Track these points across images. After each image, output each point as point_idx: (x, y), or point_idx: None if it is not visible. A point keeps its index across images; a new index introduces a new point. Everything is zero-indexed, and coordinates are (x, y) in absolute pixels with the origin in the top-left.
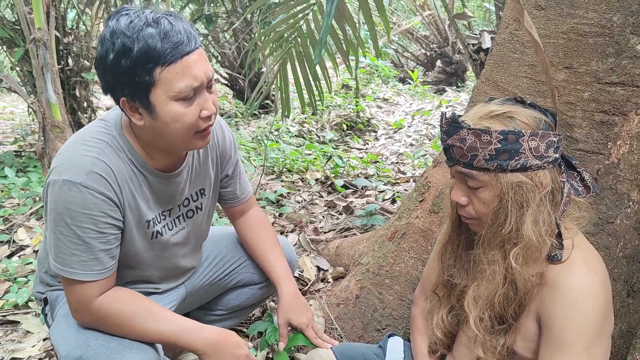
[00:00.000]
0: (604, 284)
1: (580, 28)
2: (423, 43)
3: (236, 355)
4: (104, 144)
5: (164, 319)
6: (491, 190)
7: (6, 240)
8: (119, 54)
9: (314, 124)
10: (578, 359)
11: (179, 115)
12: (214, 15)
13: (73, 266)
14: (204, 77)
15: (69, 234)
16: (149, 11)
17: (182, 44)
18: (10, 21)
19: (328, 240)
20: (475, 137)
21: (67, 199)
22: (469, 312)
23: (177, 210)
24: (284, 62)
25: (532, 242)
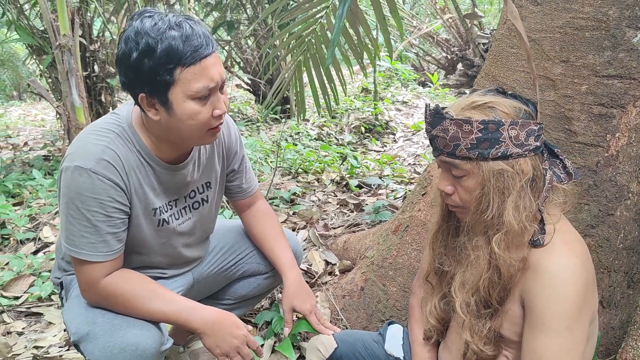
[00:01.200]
0: (584, 266)
1: (577, 22)
2: (444, 46)
3: (234, 335)
4: (114, 134)
5: (166, 299)
6: (474, 178)
7: (32, 238)
8: (143, 53)
9: (333, 127)
10: (559, 338)
11: (194, 113)
12: (236, 22)
13: (82, 247)
14: (219, 78)
15: (79, 217)
16: (171, 15)
17: (202, 47)
18: (39, 30)
19: (337, 236)
20: (457, 127)
21: (78, 184)
22: (456, 297)
23: (183, 201)
24: (299, 65)
25: (514, 228)
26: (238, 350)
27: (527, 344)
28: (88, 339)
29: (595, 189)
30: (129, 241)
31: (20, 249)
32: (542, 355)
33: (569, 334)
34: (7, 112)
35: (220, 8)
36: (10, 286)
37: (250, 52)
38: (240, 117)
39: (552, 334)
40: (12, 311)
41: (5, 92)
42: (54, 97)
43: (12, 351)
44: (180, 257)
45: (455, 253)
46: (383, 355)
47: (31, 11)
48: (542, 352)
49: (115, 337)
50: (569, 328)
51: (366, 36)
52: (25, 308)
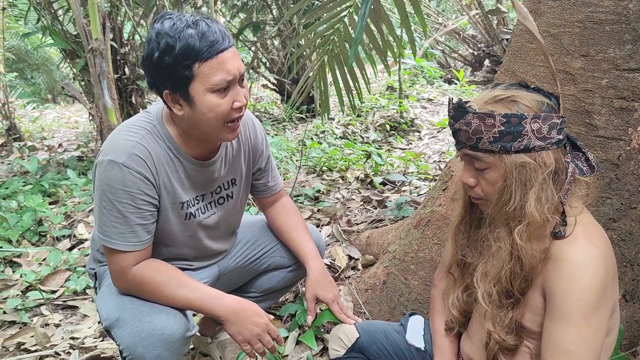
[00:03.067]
0: (605, 258)
1: (596, 16)
2: (470, 43)
3: (256, 323)
4: (145, 131)
5: (192, 287)
6: (496, 170)
7: (67, 235)
8: (163, 52)
9: (358, 125)
10: (577, 328)
11: (214, 105)
12: (262, 22)
13: (113, 237)
14: (237, 72)
15: (110, 208)
16: (189, 15)
17: (218, 43)
18: (72, 34)
19: (360, 231)
20: (480, 120)
21: (110, 177)
22: (478, 288)
23: (209, 196)
24: (322, 64)
25: (535, 219)
26: (259, 338)
27: (546, 334)
28: (118, 324)
29: (617, 182)
30: (158, 233)
31: (56, 245)
32: (561, 344)
33: (587, 325)
34: (43, 115)
35: (247, 10)
36: (47, 280)
37: (276, 52)
38: (266, 117)
39: (571, 324)
40: (49, 304)
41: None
42: (86, 99)
43: (50, 341)
44: (206, 249)
45: (477, 245)
46: (404, 345)
47: (65, 17)
48: (561, 341)
49: (143, 323)
50: (587, 319)
51: (389, 35)
52: (61, 301)
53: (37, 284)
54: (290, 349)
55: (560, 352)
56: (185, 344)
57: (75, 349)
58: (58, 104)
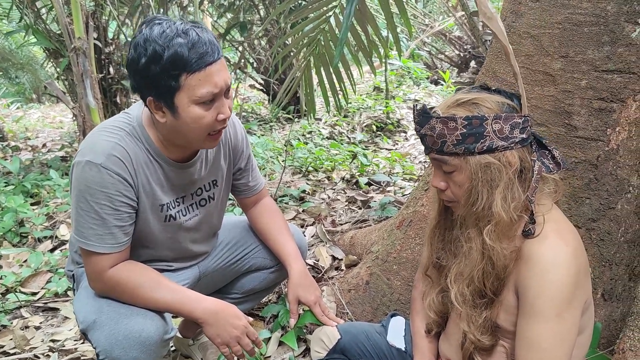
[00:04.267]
0: (576, 255)
1: (575, 18)
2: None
3: (235, 325)
4: (124, 132)
5: (170, 289)
6: (463, 172)
7: (49, 236)
8: (150, 59)
9: (344, 125)
10: (550, 325)
11: (198, 117)
12: (249, 22)
13: (90, 238)
14: (224, 84)
15: (88, 209)
16: (179, 22)
17: (207, 54)
18: (56, 33)
19: (344, 232)
20: (443, 124)
21: (88, 178)
22: (452, 288)
23: (190, 198)
24: (308, 63)
25: (502, 218)
26: (238, 340)
27: (520, 331)
28: (95, 327)
29: (596, 182)
30: (137, 235)
31: (38, 246)
32: (534, 341)
33: (560, 321)
34: (27, 115)
35: (234, 9)
36: (28, 282)
37: (262, 52)
38: (253, 117)
39: (544, 320)
40: (29, 306)
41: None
42: (70, 99)
43: (29, 344)
44: (186, 251)
45: (451, 246)
46: (385, 346)
47: (48, 15)
48: (534, 338)
49: (120, 325)
50: (560, 315)
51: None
52: (42, 303)
53: (18, 286)
54: (273, 350)
55: (534, 349)
56: (163, 347)
57: (55, 352)
58: (43, 103)
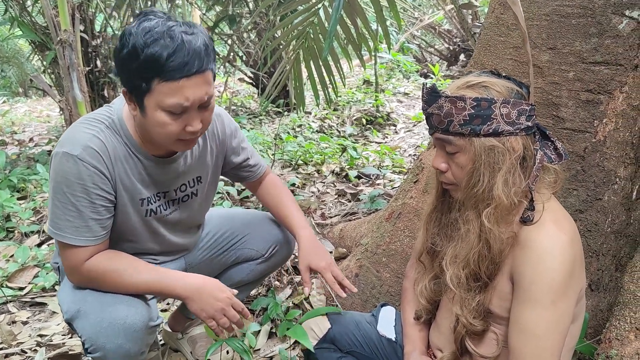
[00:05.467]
0: (572, 244)
1: (563, 10)
2: (446, 37)
3: (219, 297)
4: (104, 125)
5: (149, 269)
6: (466, 154)
7: (36, 231)
8: (129, 54)
9: (334, 119)
10: (544, 312)
11: (163, 123)
12: (238, 15)
13: (66, 231)
14: (197, 100)
15: (64, 200)
16: (174, 22)
17: (187, 66)
18: (42, 26)
19: (334, 225)
20: (451, 104)
21: (65, 169)
22: (447, 270)
23: (173, 193)
24: (297, 56)
25: (503, 202)
26: (224, 312)
27: (513, 318)
28: (79, 316)
29: (583, 174)
30: (120, 229)
31: (25, 241)
32: (528, 327)
33: (554, 308)
34: (13, 109)
35: (222, 2)
36: (15, 277)
37: (252, 45)
38: (243, 111)
39: (538, 307)
40: (16, 301)
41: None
42: (57, 92)
43: (16, 339)
44: (170, 244)
45: (447, 230)
46: (375, 336)
47: (33, 7)
48: (527, 324)
49: (104, 313)
50: (554, 302)
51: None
52: (29, 298)
53: (4, 280)
54: (262, 343)
55: (527, 335)
56: (149, 334)
57: (42, 347)
58: (29, 97)
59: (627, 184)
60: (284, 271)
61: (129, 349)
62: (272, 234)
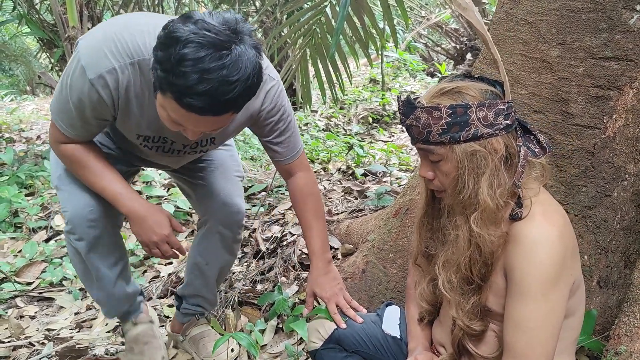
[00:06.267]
0: (562, 235)
1: (573, 4)
2: (453, 36)
3: (156, 232)
4: (131, 60)
5: (110, 179)
6: (449, 161)
7: (44, 226)
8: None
9: (340, 117)
10: (535, 305)
11: (163, 118)
12: (245, 14)
13: (60, 118)
14: (196, 130)
15: (66, 98)
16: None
17: (202, 109)
18: (49, 23)
19: (340, 221)
20: (428, 114)
21: (76, 79)
22: (439, 276)
23: (181, 146)
24: (304, 54)
25: (489, 206)
26: (157, 246)
27: (507, 312)
28: (58, 188)
29: (592, 170)
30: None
31: (33, 236)
32: (520, 321)
33: (545, 301)
34: (21, 107)
35: (229, 1)
36: (23, 272)
37: None
38: None
39: (530, 300)
40: (24, 296)
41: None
42: None
43: (24, 333)
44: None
45: (439, 234)
46: (381, 335)
47: (41, 5)
48: (520, 318)
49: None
50: (545, 295)
51: (372, 26)
52: (37, 293)
53: (13, 275)
54: (269, 339)
55: (520, 329)
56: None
57: (50, 340)
58: (37, 95)
59: (636, 181)
60: (291, 267)
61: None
62: (208, 205)
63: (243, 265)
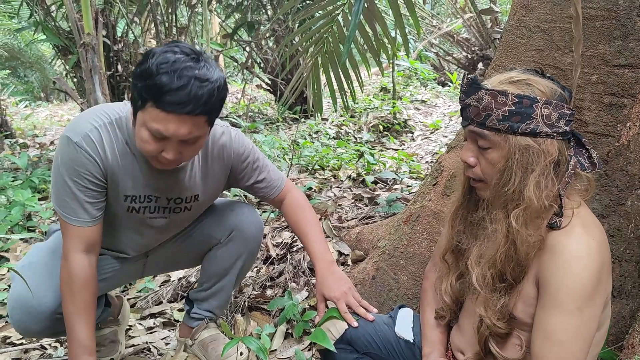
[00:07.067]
0: (601, 249)
1: (586, 12)
2: (464, 46)
3: None
4: (109, 120)
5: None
6: (500, 150)
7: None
8: (143, 72)
9: (351, 125)
10: (569, 317)
11: (144, 140)
12: (257, 22)
13: (64, 210)
14: (177, 135)
15: (62, 182)
16: (193, 63)
17: (180, 105)
18: (65, 31)
19: (350, 228)
20: (492, 97)
21: (64, 152)
22: (472, 270)
23: (165, 201)
24: (315, 62)
25: (533, 204)
26: None
27: (538, 322)
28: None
29: (606, 178)
30: None
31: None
32: (552, 333)
33: (580, 315)
34: (35, 113)
35: (241, 9)
36: None
37: (269, 52)
38: (260, 117)
39: (564, 313)
40: None
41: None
42: (78, 95)
43: None
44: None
45: (473, 228)
46: (393, 337)
47: (57, 12)
48: (552, 330)
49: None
50: (580, 309)
51: (384, 35)
52: None
53: None
54: (279, 344)
55: (551, 341)
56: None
57: (61, 344)
58: (51, 102)
59: None
60: (301, 272)
61: (29, 326)
62: (229, 219)
63: (253, 270)
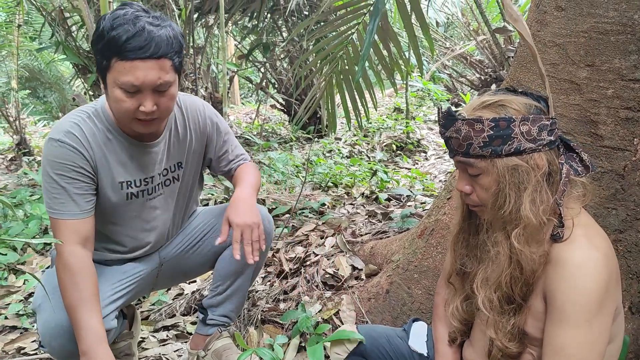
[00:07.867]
0: (607, 260)
1: (601, 27)
2: (478, 67)
3: None
4: (87, 114)
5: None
6: (489, 175)
7: None
8: (98, 35)
9: (364, 145)
10: (578, 331)
11: (119, 99)
12: (272, 44)
13: (54, 207)
14: (148, 82)
15: (50, 180)
16: (142, 13)
17: (142, 49)
18: (85, 50)
19: (364, 242)
20: (469, 126)
21: (49, 152)
22: (478, 294)
23: (157, 177)
24: (330, 80)
25: (531, 222)
26: None
27: (547, 337)
28: (39, 311)
29: (622, 193)
30: (102, 211)
31: None
32: (562, 348)
33: (589, 328)
34: None
35: (257, 32)
36: None
37: (284, 72)
38: (274, 137)
39: (572, 326)
40: None
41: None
42: None
43: None
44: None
45: (476, 252)
46: (407, 351)
47: (78, 32)
48: (562, 345)
49: (55, 314)
50: (589, 321)
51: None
52: None
53: None
54: (292, 357)
55: (561, 356)
56: None
57: None
58: None
59: None
60: (314, 286)
61: (72, 349)
62: None
63: (266, 284)
